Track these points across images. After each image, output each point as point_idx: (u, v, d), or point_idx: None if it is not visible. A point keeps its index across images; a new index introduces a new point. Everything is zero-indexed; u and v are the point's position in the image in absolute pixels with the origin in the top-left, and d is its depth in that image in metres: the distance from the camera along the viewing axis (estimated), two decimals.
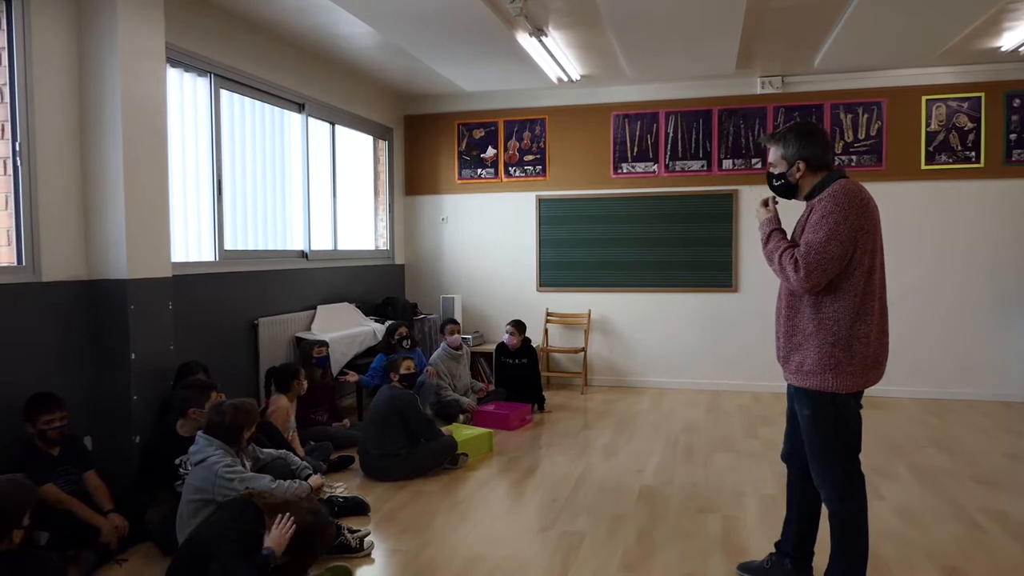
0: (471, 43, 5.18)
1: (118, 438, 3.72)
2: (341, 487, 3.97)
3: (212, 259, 4.78)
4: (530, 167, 7.14)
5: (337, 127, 6.37)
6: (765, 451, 4.79)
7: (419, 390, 5.44)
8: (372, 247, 7.21)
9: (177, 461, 3.36)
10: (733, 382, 6.74)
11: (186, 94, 4.57)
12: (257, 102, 5.25)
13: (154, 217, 3.90)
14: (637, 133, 6.83)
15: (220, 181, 4.81)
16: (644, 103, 6.81)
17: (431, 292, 7.46)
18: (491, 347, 6.80)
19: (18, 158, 3.41)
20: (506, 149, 7.20)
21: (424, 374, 5.43)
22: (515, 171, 7.19)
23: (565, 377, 7.09)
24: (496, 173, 7.24)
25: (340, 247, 6.47)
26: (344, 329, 5.73)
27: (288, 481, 3.13)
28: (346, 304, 6.20)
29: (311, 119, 5.88)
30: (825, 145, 2.54)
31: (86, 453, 3.43)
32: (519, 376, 6.07)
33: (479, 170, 7.28)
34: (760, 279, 6.61)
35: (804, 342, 2.53)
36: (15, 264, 3.44)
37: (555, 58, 5.72)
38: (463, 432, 4.85)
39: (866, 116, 6.32)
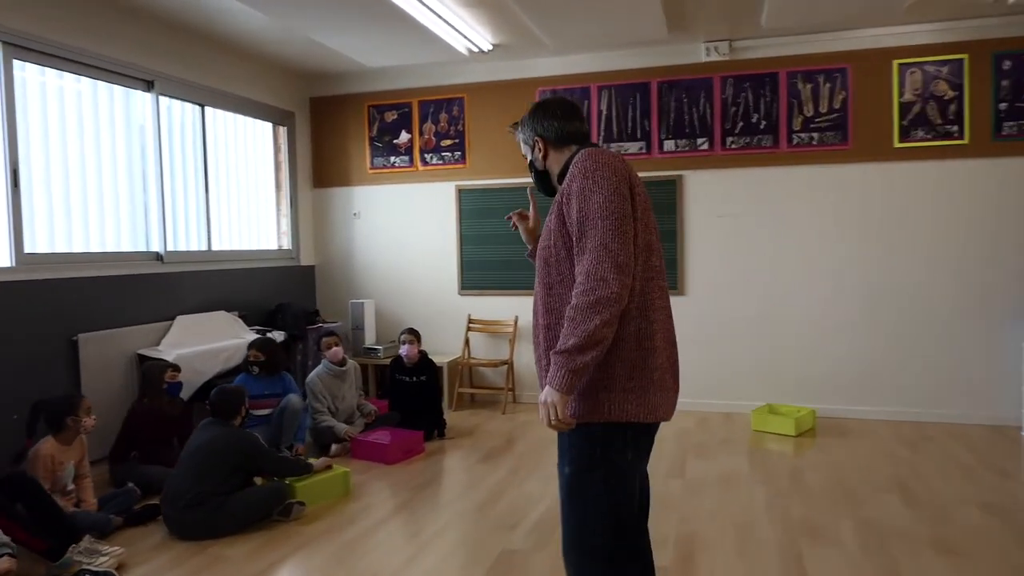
0: (346, 6, 4.32)
1: None
2: (106, 557, 3.10)
3: (7, 264, 3.95)
4: (448, 153, 6.24)
5: (213, 110, 5.51)
6: (683, 498, 3.87)
7: (280, 417, 4.61)
8: (275, 247, 6.37)
9: None
10: (679, 399, 5.78)
11: None
12: (83, 78, 4.41)
13: None
14: None
15: (16, 172, 3.98)
16: (572, 76, 5.87)
17: (342, 297, 6.60)
18: None
19: None
20: (421, 133, 6.30)
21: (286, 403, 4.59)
22: (432, 158, 6.29)
23: (491, 393, 6.19)
24: (411, 161, 6.34)
25: (223, 247, 5.61)
26: (207, 343, 4.88)
27: None
28: (222, 313, 5.35)
29: (167, 99, 5.03)
30: (567, 115, 2.01)
31: None
32: (416, 396, 5.18)
33: (392, 158, 6.39)
34: (711, 280, 5.66)
35: None
36: None
37: (449, 23, 4.83)
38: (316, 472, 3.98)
39: (828, 86, 5.33)
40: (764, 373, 5.58)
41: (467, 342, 6.18)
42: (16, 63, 3.98)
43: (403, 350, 5.18)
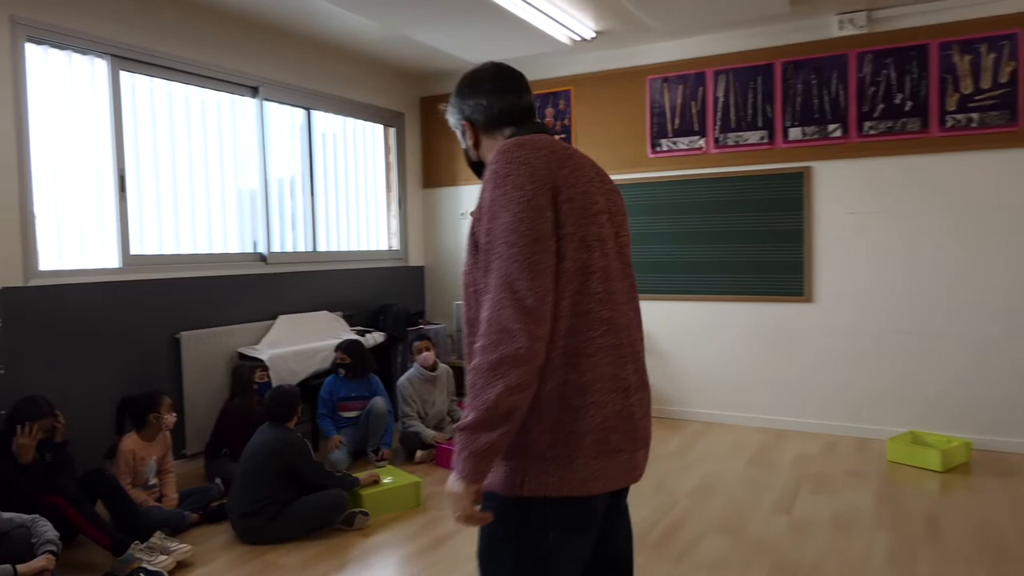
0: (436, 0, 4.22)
1: None
2: (166, 556, 3.14)
3: (115, 265, 4.18)
4: None
5: (320, 113, 5.61)
6: (784, 539, 3.35)
7: (367, 419, 4.57)
8: (385, 247, 6.41)
9: None
10: (802, 420, 5.14)
11: (80, 79, 3.99)
12: (190, 87, 4.60)
13: None
14: (679, 100, 5.42)
15: (123, 177, 4.20)
16: (684, 62, 5.38)
17: (449, 298, 6.52)
18: None
19: None
20: None
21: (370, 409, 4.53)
22: None
23: None
24: None
25: (330, 248, 5.71)
26: (304, 343, 4.96)
27: None
28: (323, 313, 5.42)
29: (271, 103, 5.16)
30: (499, 87, 1.58)
31: None
32: None
33: None
34: (843, 286, 4.96)
35: None
36: None
37: (544, 12, 4.55)
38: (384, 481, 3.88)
39: (992, 56, 4.47)
40: (908, 395, 4.81)
41: None
42: (123, 74, 4.21)
43: None
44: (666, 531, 3.47)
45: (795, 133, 5.04)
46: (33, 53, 3.78)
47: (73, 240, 4.00)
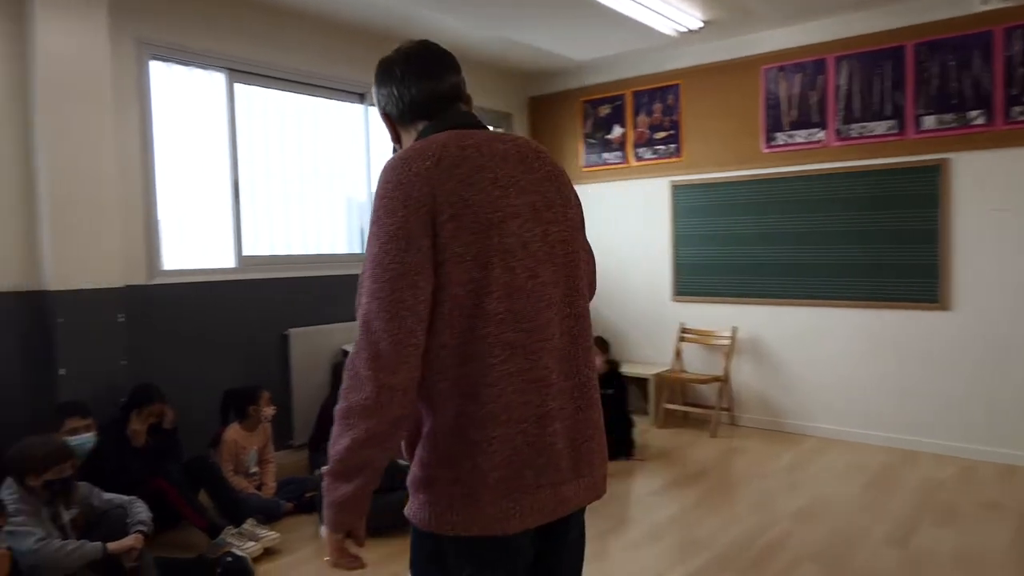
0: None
1: None
2: (254, 542, 3.29)
3: (231, 265, 4.48)
4: (662, 146, 5.73)
5: None
6: (894, 575, 3.01)
7: None
8: None
9: None
10: (935, 441, 4.61)
11: (199, 92, 4.31)
12: (300, 96, 4.83)
13: (94, 222, 3.62)
14: (796, 90, 5.03)
15: (237, 182, 4.48)
16: (802, 49, 4.98)
17: None
18: (628, 368, 5.62)
19: None
20: (635, 126, 5.87)
21: None
22: (645, 152, 5.83)
23: (704, 412, 5.55)
24: (624, 156, 5.95)
25: None
26: None
27: (71, 543, 2.55)
28: None
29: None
30: (413, 72, 1.38)
31: None
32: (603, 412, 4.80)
33: (604, 154, 6.07)
34: (986, 292, 4.41)
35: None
36: None
37: (643, 4, 4.38)
38: None
39: None
40: None
41: (678, 353, 5.62)
42: (237, 86, 4.49)
43: None
44: (759, 555, 3.22)
45: (929, 122, 4.53)
46: (157, 69, 4.11)
47: (192, 241, 4.32)
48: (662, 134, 5.71)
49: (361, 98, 5.19)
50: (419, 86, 1.36)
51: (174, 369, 4.05)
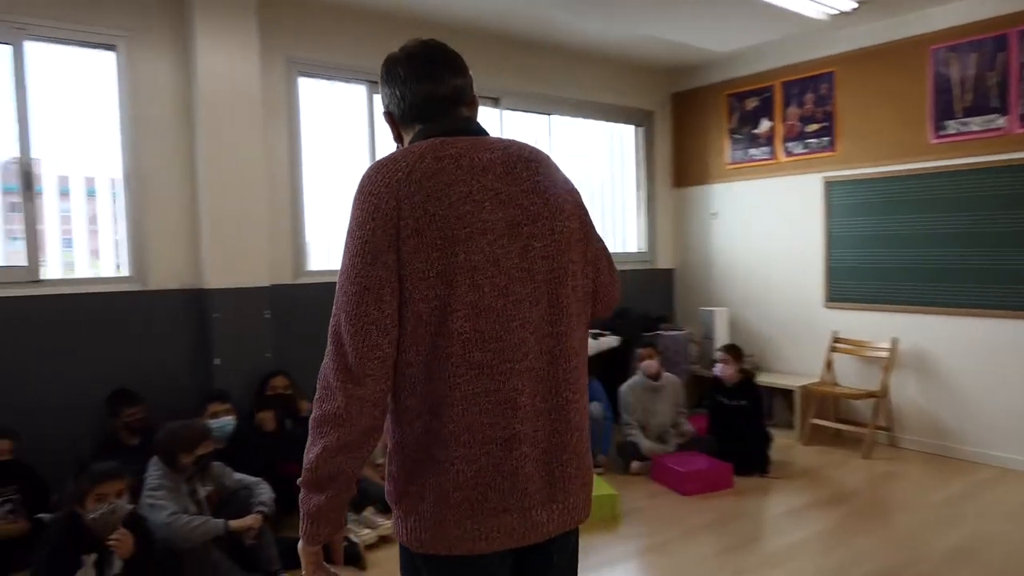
0: None
1: None
2: (370, 530, 3.46)
3: None
4: (814, 140, 5.29)
5: (560, 117, 5.71)
6: None
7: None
8: (633, 249, 6.33)
9: None
10: None
11: (343, 104, 4.62)
12: None
13: (245, 227, 3.99)
14: (971, 72, 4.43)
15: None
16: (977, 24, 4.37)
17: (697, 303, 6.18)
18: (772, 378, 5.34)
19: (126, 180, 3.88)
20: (784, 118, 5.47)
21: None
22: (795, 147, 5.42)
23: (857, 431, 5.04)
24: (772, 152, 5.57)
25: None
26: None
27: (197, 519, 2.82)
28: None
29: (509, 112, 5.38)
30: (414, 72, 1.33)
31: None
32: (735, 422, 4.54)
33: (751, 150, 5.71)
34: None
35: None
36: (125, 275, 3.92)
37: None
38: None
39: None
40: None
41: (829, 365, 5.17)
42: (376, 96, 4.74)
43: (718, 369, 4.60)
44: None
45: None
46: (304, 84, 4.45)
47: (336, 245, 4.62)
48: (814, 127, 5.27)
49: (495, 102, 5.28)
50: (420, 88, 1.33)
51: (314, 363, 4.34)
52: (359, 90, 4.67)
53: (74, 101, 3.81)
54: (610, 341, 5.39)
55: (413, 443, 1.23)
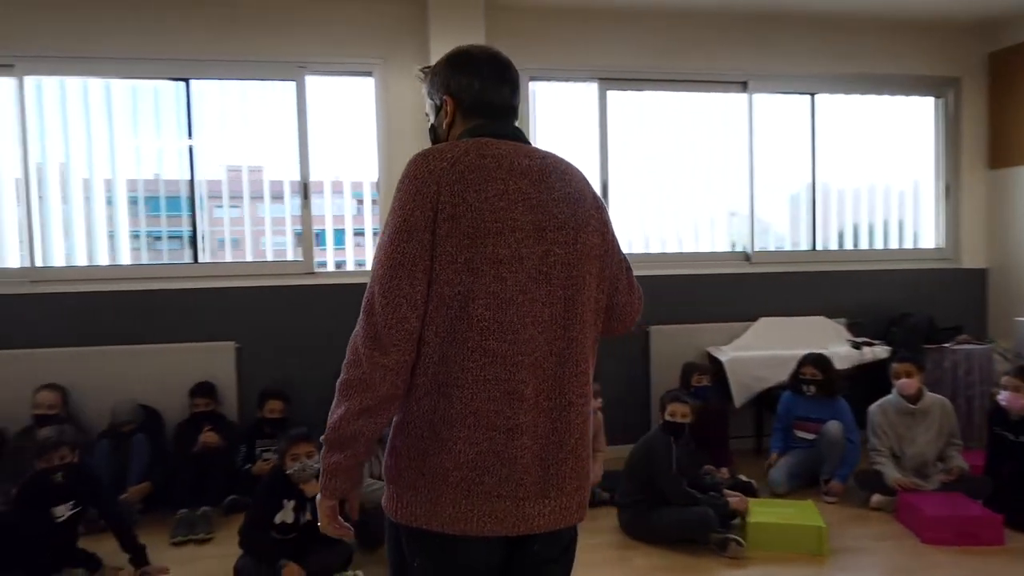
0: None
1: None
2: None
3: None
4: None
5: (828, 96, 5.04)
6: None
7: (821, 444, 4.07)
8: (931, 245, 5.34)
9: None
10: None
11: (572, 103, 4.75)
12: (676, 93, 4.84)
13: None
14: None
15: (606, 184, 4.76)
16: None
17: (1013, 311, 4.95)
18: None
19: (377, 184, 4.50)
20: None
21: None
22: None
23: None
24: None
25: (831, 246, 5.14)
26: (779, 349, 4.65)
27: (377, 483, 3.20)
28: (819, 319, 4.92)
29: (763, 96, 4.91)
30: (494, 76, 1.45)
31: None
32: (1021, 466, 3.56)
33: None
34: None
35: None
36: None
37: None
38: (774, 511, 3.42)
39: None
40: None
41: None
42: (610, 93, 4.76)
43: (1003, 397, 3.65)
44: None
45: None
46: (536, 87, 4.67)
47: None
48: None
49: (743, 86, 4.90)
50: (496, 89, 1.44)
51: None
52: (590, 88, 4.74)
53: (338, 121, 4.54)
54: (877, 352, 4.65)
55: (419, 420, 1.31)
